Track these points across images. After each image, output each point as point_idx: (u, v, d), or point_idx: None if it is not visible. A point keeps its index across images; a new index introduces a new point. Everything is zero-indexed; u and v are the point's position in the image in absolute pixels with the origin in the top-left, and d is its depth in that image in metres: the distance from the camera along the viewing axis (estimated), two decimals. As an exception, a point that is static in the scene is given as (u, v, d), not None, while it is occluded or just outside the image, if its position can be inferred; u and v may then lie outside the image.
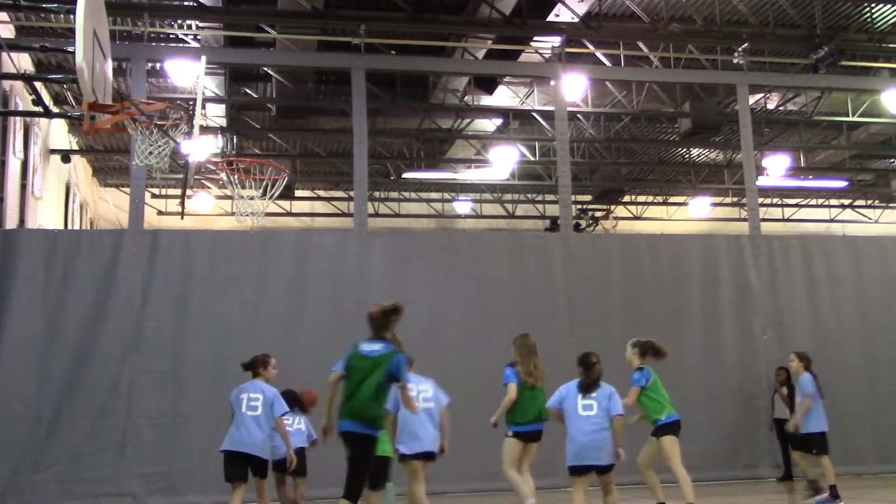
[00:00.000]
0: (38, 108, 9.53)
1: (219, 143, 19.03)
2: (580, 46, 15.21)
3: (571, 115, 17.39)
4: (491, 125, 19.90)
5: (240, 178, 10.84)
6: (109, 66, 8.20)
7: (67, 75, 11.03)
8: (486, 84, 17.23)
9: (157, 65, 14.87)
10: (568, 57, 14.18)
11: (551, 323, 11.56)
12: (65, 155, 18.35)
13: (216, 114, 18.08)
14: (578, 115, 18.74)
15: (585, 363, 7.29)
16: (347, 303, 11.14)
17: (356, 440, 5.98)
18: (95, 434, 10.28)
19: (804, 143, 21.09)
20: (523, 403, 7.71)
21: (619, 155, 22.71)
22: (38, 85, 12.64)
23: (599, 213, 26.53)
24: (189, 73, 13.97)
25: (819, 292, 12.81)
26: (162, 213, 23.36)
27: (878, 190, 25.71)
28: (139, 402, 10.49)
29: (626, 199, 25.72)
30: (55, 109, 14.00)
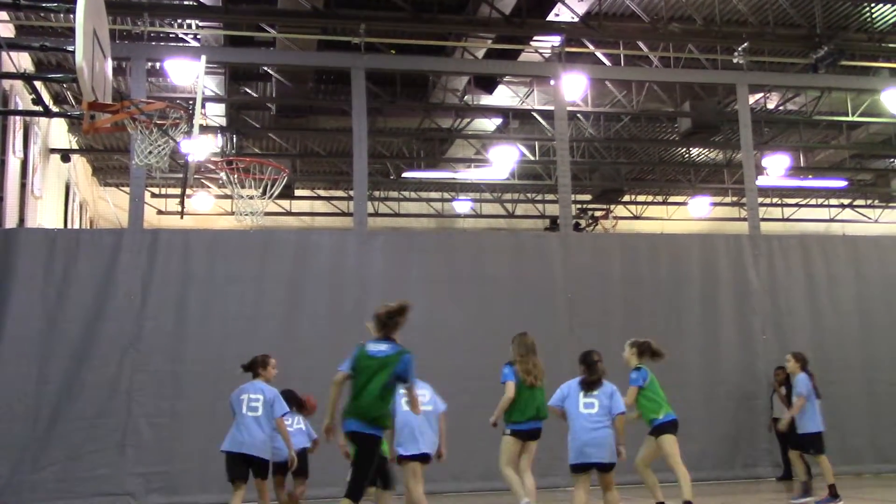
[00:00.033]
0: (38, 108, 9.52)
1: (218, 143, 19.03)
2: (580, 46, 15.22)
3: (571, 115, 17.40)
4: (491, 125, 19.91)
5: (239, 177, 10.84)
6: (109, 65, 8.20)
7: (67, 74, 11.07)
8: (486, 83, 17.24)
9: (157, 64, 14.88)
10: (568, 56, 14.19)
11: (551, 322, 11.54)
12: (64, 154, 18.36)
13: (216, 113, 18.08)
14: (578, 115, 18.75)
15: (587, 361, 7.29)
16: (347, 302, 11.18)
17: (361, 440, 5.99)
18: (94, 433, 10.26)
19: (804, 143, 21.11)
20: (521, 402, 7.73)
21: (619, 154, 22.71)
22: (38, 84, 12.67)
23: (599, 213, 26.52)
24: (189, 73, 13.99)
25: (818, 292, 12.78)
26: (162, 212, 23.38)
27: (878, 190, 25.72)
28: (138, 401, 10.47)
29: (626, 198, 25.73)
30: (55, 109, 14.00)
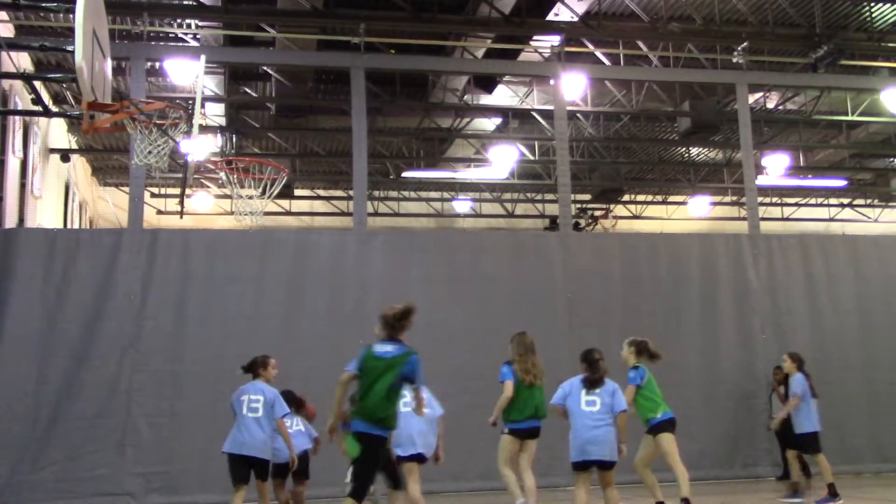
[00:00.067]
0: (38, 108, 9.50)
1: (218, 143, 19.04)
2: (580, 45, 15.21)
3: (571, 115, 17.40)
4: (490, 124, 19.91)
5: (239, 177, 10.84)
6: (109, 65, 8.20)
7: (67, 74, 11.07)
8: (486, 83, 17.24)
9: (157, 64, 14.88)
10: (567, 56, 14.21)
11: (551, 322, 11.53)
12: (64, 154, 18.36)
13: (215, 113, 18.08)
14: (578, 115, 18.75)
15: (589, 359, 7.29)
16: (347, 302, 11.19)
17: (367, 441, 6.00)
18: (94, 433, 10.25)
19: (803, 143, 21.12)
20: (520, 401, 7.74)
21: (619, 154, 22.71)
22: (38, 84, 12.63)
23: (599, 213, 26.53)
24: (188, 73, 13.99)
25: (818, 292, 12.78)
26: (161, 212, 23.39)
27: (878, 189, 25.73)
28: (138, 401, 10.47)
29: (626, 198, 25.75)
30: (54, 109, 13.99)
